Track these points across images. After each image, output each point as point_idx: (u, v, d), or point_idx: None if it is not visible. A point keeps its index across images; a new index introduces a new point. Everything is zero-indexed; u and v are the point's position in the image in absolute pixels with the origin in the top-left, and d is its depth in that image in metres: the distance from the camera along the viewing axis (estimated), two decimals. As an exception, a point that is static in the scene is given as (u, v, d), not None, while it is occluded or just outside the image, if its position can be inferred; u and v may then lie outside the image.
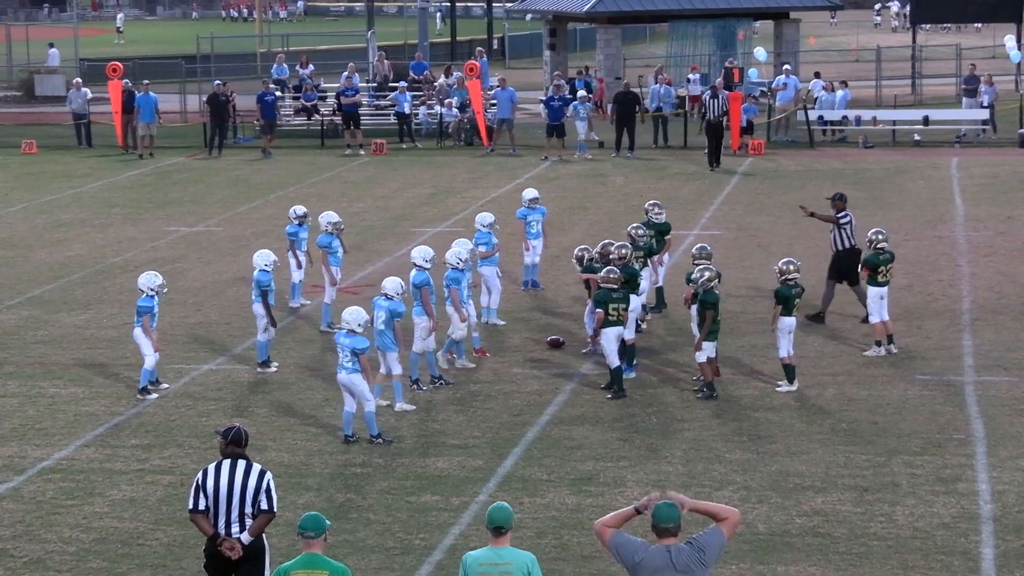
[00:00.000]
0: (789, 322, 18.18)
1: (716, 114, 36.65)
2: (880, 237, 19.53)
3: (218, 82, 42.11)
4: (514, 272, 23.92)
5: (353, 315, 16.39)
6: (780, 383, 18.27)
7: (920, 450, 16.06)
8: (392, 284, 17.51)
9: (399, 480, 15.47)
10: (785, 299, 18.13)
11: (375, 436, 16.52)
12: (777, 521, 14.15)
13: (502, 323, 21.64)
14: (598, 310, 18.04)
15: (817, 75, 44.89)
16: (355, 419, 16.73)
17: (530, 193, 23.68)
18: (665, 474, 15.41)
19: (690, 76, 45.32)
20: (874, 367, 19.21)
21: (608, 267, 18.34)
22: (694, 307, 18.14)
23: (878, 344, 19.63)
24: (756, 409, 17.61)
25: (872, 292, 19.56)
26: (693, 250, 19.47)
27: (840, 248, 21.35)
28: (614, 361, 18.05)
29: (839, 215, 21.49)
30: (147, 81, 42.34)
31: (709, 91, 37.85)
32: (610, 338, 17.97)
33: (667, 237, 22.02)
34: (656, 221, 21.85)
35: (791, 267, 18.33)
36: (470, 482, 15.33)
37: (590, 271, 19.39)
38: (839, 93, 42.17)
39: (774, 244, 26.98)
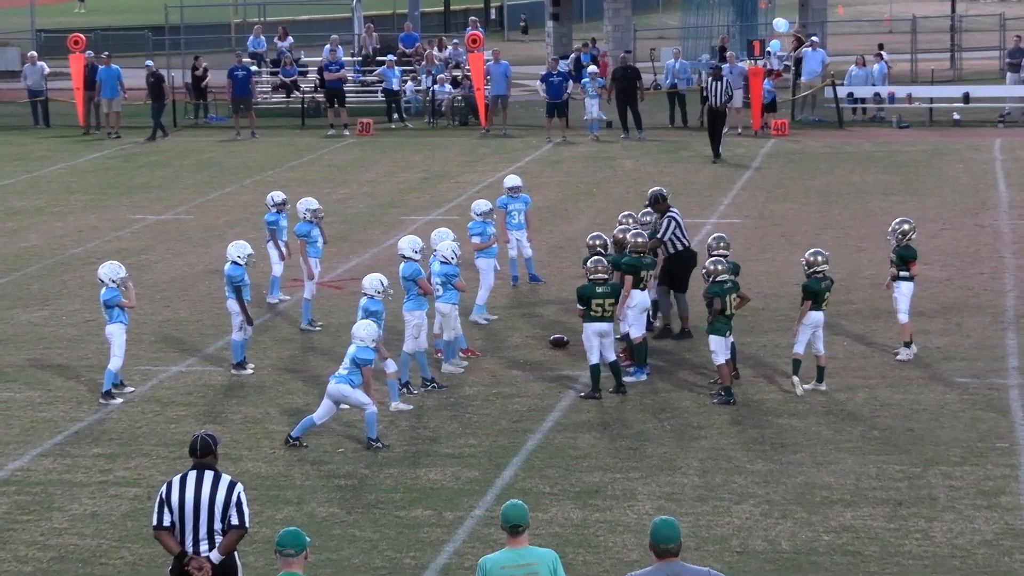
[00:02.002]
0: (817, 317, 18.18)
1: (719, 100, 35.70)
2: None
3: (150, 63, 42.00)
4: (502, 269, 23.83)
5: (364, 330, 16.52)
6: (793, 383, 18.26)
7: (960, 460, 16.05)
8: (371, 282, 17.64)
9: (387, 493, 15.46)
10: (814, 293, 18.14)
11: (373, 440, 16.59)
12: (802, 538, 14.14)
13: (484, 321, 21.60)
14: (579, 306, 18.17)
15: (881, 46, 44.54)
16: (313, 432, 16.75)
17: (512, 180, 23.68)
18: (680, 486, 15.40)
19: (769, 49, 44.02)
20: (908, 369, 19.20)
21: (595, 258, 18.45)
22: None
23: (907, 345, 19.55)
24: (779, 415, 17.60)
25: (906, 287, 19.47)
26: (710, 240, 19.42)
27: (671, 251, 20.73)
28: (592, 359, 18.19)
29: (662, 224, 20.67)
30: (107, 53, 42.30)
31: (711, 74, 37.11)
32: (588, 335, 18.13)
33: None
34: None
35: (819, 258, 18.32)
36: (465, 495, 15.32)
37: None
38: (875, 66, 42.07)
39: (799, 233, 26.97)
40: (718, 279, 17.93)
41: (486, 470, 16.02)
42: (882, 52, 42.90)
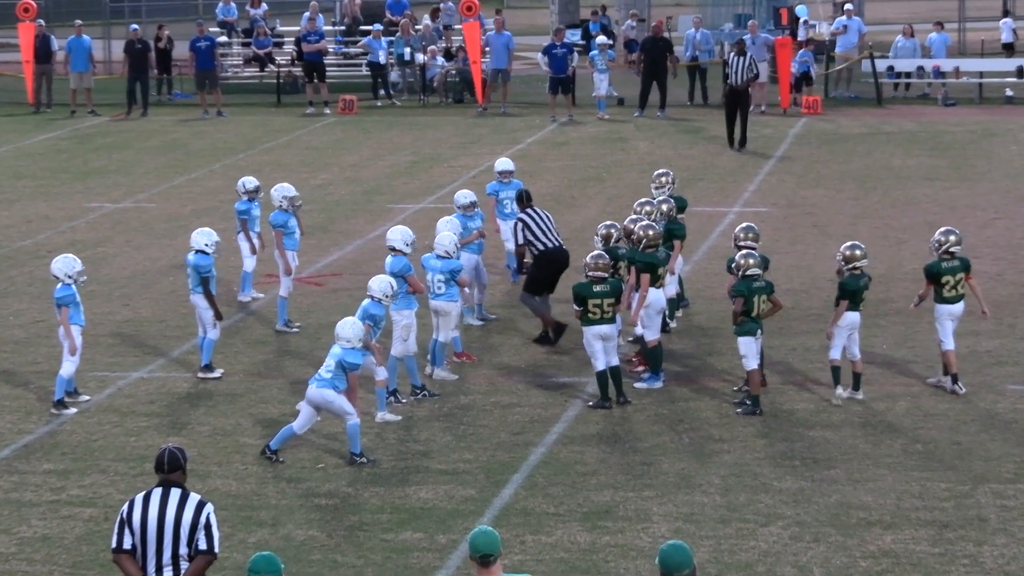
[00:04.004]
0: (853, 318, 18.18)
1: (742, 78, 34.98)
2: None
3: (135, 27, 42.11)
4: (497, 263, 23.83)
5: (351, 329, 16.49)
6: (836, 395, 18.24)
7: (1012, 477, 16.07)
8: (380, 284, 17.63)
9: (372, 513, 15.48)
10: (852, 292, 18.12)
11: (357, 454, 16.60)
12: (837, 564, 14.15)
13: (479, 322, 21.64)
14: (575, 307, 18.23)
15: (1006, 12, 44.65)
16: (292, 443, 16.76)
17: (503, 164, 23.64)
18: (699, 506, 15.41)
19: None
20: (956, 375, 19.19)
21: (595, 252, 18.51)
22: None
23: (954, 379, 18.72)
24: (810, 426, 17.61)
25: (941, 311, 18.80)
26: (737, 231, 19.42)
27: (534, 253, 21.02)
28: (597, 365, 18.27)
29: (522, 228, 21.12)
30: (79, 21, 42.32)
31: (734, 48, 36.55)
32: (589, 339, 18.22)
33: (680, 216, 21.88)
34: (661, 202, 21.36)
35: (858, 252, 18.30)
36: (460, 516, 15.33)
37: (612, 254, 19.37)
38: (933, 35, 41.96)
39: (833, 224, 27.00)
40: (747, 274, 17.91)
41: (483, 488, 16.02)
42: (1008, 14, 42.95)
